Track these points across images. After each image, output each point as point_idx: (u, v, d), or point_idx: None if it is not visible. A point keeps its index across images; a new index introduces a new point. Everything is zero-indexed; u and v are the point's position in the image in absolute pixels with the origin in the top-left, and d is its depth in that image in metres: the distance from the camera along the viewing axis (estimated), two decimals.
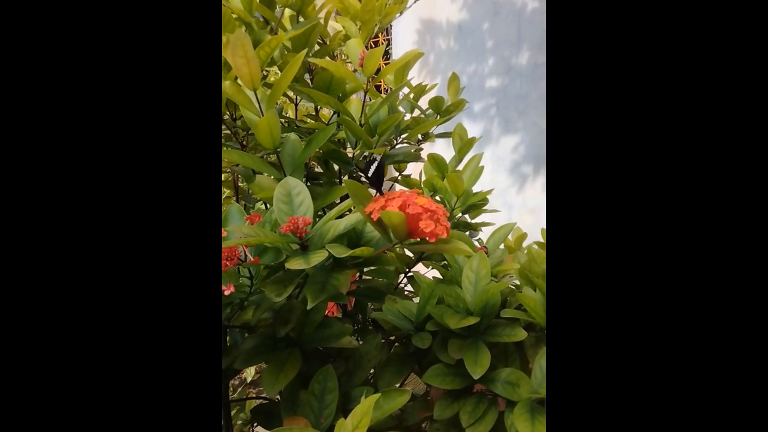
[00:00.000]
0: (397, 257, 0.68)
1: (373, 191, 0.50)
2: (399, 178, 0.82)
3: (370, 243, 0.40)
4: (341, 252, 0.32)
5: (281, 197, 0.39)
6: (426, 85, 0.83)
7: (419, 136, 0.81)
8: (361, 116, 0.48)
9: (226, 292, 0.36)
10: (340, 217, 0.40)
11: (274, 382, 0.45)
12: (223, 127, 0.54)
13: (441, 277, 0.62)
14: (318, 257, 0.32)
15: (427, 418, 0.54)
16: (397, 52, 1.74)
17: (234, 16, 0.49)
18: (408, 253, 0.68)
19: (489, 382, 0.49)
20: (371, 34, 0.69)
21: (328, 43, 0.66)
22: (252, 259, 0.36)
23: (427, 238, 0.32)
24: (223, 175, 0.60)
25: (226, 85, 0.43)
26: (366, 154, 0.51)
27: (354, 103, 0.52)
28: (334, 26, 0.76)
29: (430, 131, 0.80)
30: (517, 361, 0.51)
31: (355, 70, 0.60)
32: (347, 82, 0.55)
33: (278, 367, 0.47)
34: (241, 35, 0.38)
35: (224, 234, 0.36)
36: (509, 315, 0.48)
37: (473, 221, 0.80)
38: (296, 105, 0.63)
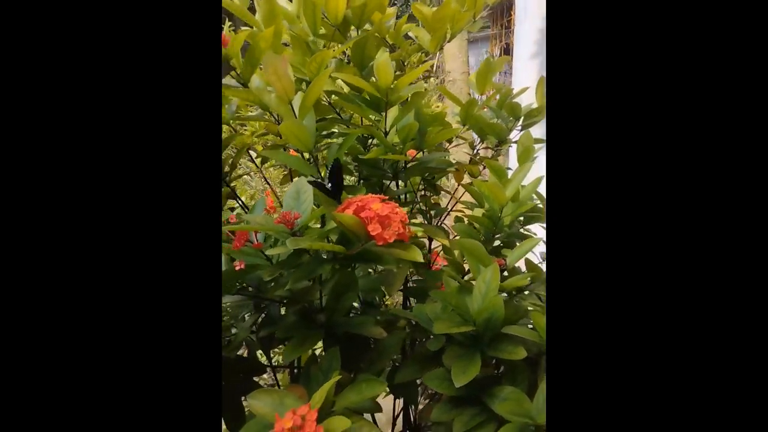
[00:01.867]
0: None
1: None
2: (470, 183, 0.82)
3: None
4: (299, 243, 0.37)
5: (292, 194, 0.45)
6: (512, 89, 0.80)
7: (496, 141, 0.79)
8: (384, 125, 0.51)
9: (237, 267, 0.44)
10: None
11: (291, 352, 0.52)
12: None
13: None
14: (284, 249, 0.38)
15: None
16: (519, 53, 1.66)
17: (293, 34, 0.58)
18: None
19: (489, 397, 0.48)
20: (441, 41, 0.70)
21: (399, 51, 0.70)
22: (256, 243, 0.44)
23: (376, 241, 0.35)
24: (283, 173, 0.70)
25: (271, 98, 0.52)
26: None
27: (392, 112, 0.55)
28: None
29: (508, 137, 0.78)
30: (526, 381, 0.48)
31: (427, 78, 0.63)
32: (403, 90, 0.58)
33: (300, 341, 0.54)
34: (271, 57, 0.46)
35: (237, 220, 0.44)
36: (512, 332, 0.46)
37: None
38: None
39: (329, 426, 0.39)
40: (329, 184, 0.43)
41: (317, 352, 0.65)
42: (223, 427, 0.64)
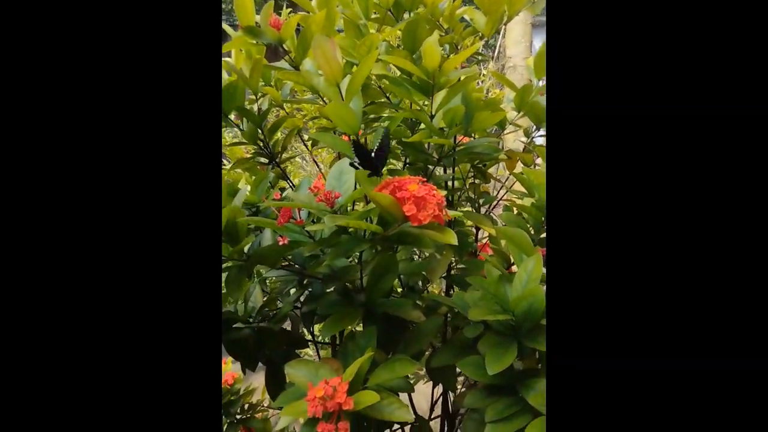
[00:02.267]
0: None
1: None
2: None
3: None
4: (336, 221, 0.38)
5: (335, 174, 0.47)
6: None
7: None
8: (431, 108, 0.51)
9: (280, 243, 0.46)
10: None
11: (329, 328, 0.54)
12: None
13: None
14: (323, 226, 0.39)
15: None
16: None
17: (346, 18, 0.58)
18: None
19: (525, 388, 0.47)
20: (497, 24, 0.68)
21: (452, 33, 0.69)
22: (299, 220, 0.45)
23: (411, 222, 0.35)
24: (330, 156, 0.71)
25: (320, 81, 0.53)
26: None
27: (440, 96, 0.54)
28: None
29: None
30: None
31: (481, 62, 0.61)
32: (450, 73, 0.58)
33: (338, 318, 0.56)
34: (320, 39, 0.47)
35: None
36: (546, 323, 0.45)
37: None
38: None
39: (359, 399, 0.40)
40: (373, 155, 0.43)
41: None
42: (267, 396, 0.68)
